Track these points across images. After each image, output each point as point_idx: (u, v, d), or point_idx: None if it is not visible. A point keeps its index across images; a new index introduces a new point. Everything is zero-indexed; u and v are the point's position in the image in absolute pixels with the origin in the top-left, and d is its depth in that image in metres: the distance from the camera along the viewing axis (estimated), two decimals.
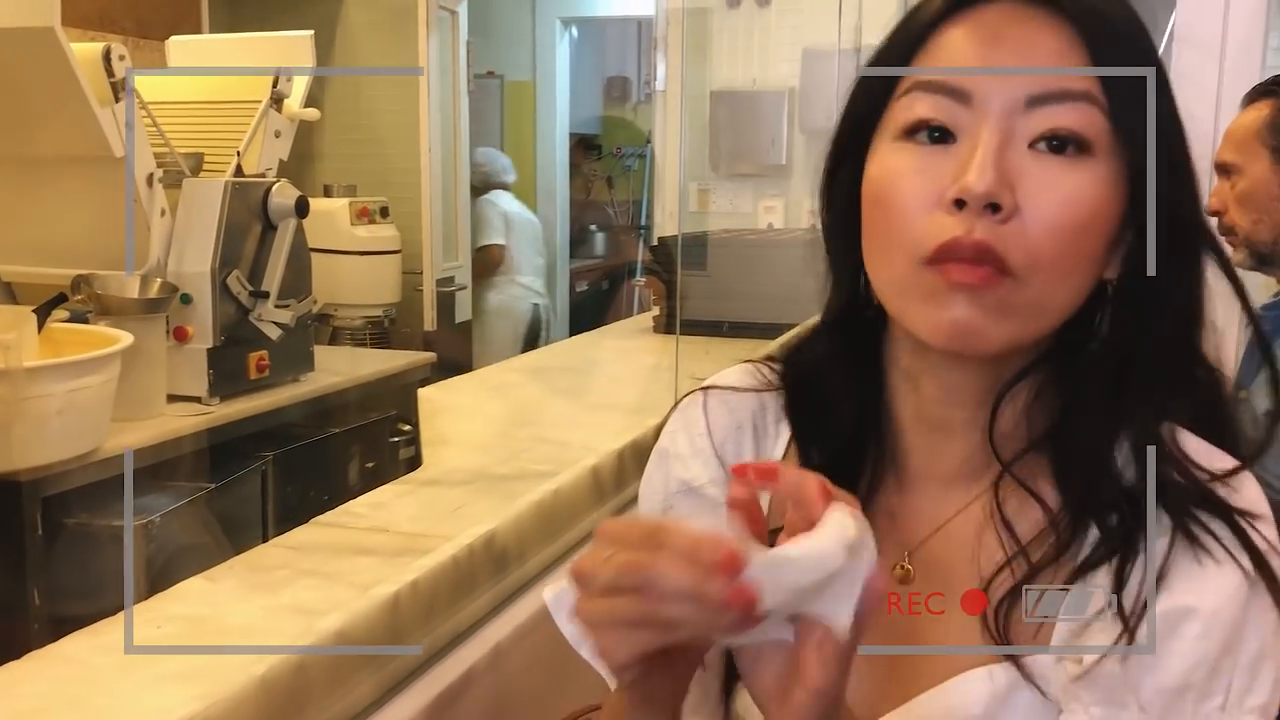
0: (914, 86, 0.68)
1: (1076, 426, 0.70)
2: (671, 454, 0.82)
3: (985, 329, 0.65)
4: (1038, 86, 0.65)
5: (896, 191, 0.66)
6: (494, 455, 1.76)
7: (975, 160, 0.63)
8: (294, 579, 1.23)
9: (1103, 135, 0.65)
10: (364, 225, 4.12)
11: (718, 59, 4.45)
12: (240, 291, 2.57)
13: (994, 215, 0.63)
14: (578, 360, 3.00)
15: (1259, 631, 0.64)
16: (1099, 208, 0.65)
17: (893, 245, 0.67)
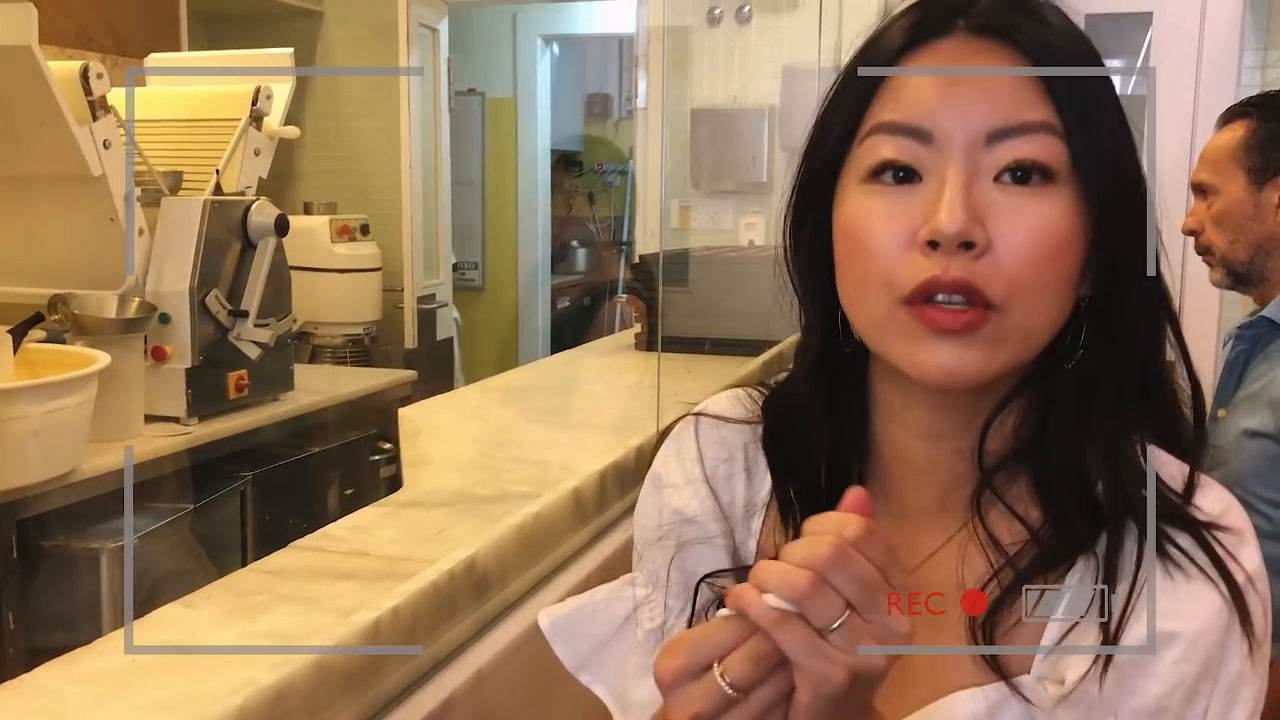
0: (875, 130, 0.68)
1: (1053, 443, 0.70)
2: (665, 481, 0.82)
3: (973, 367, 0.65)
4: (997, 122, 0.65)
5: (869, 234, 0.67)
6: (474, 476, 1.76)
7: (944, 200, 0.64)
8: (272, 605, 1.22)
9: (1063, 162, 0.66)
10: (344, 243, 4.11)
11: (698, 76, 4.47)
12: (219, 310, 2.56)
13: (968, 253, 0.64)
14: (559, 379, 2.99)
15: (1237, 656, 0.65)
16: (1068, 232, 0.66)
17: (870, 286, 0.67)
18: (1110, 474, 0.69)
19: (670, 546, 0.79)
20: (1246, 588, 0.66)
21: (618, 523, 1.65)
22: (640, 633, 0.79)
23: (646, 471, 0.84)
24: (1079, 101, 0.66)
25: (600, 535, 1.59)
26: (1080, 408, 0.70)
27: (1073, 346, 0.70)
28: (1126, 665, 0.65)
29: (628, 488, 1.71)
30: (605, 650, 0.80)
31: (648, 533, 0.82)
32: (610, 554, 1.56)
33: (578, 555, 1.51)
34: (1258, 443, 1.62)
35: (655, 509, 0.82)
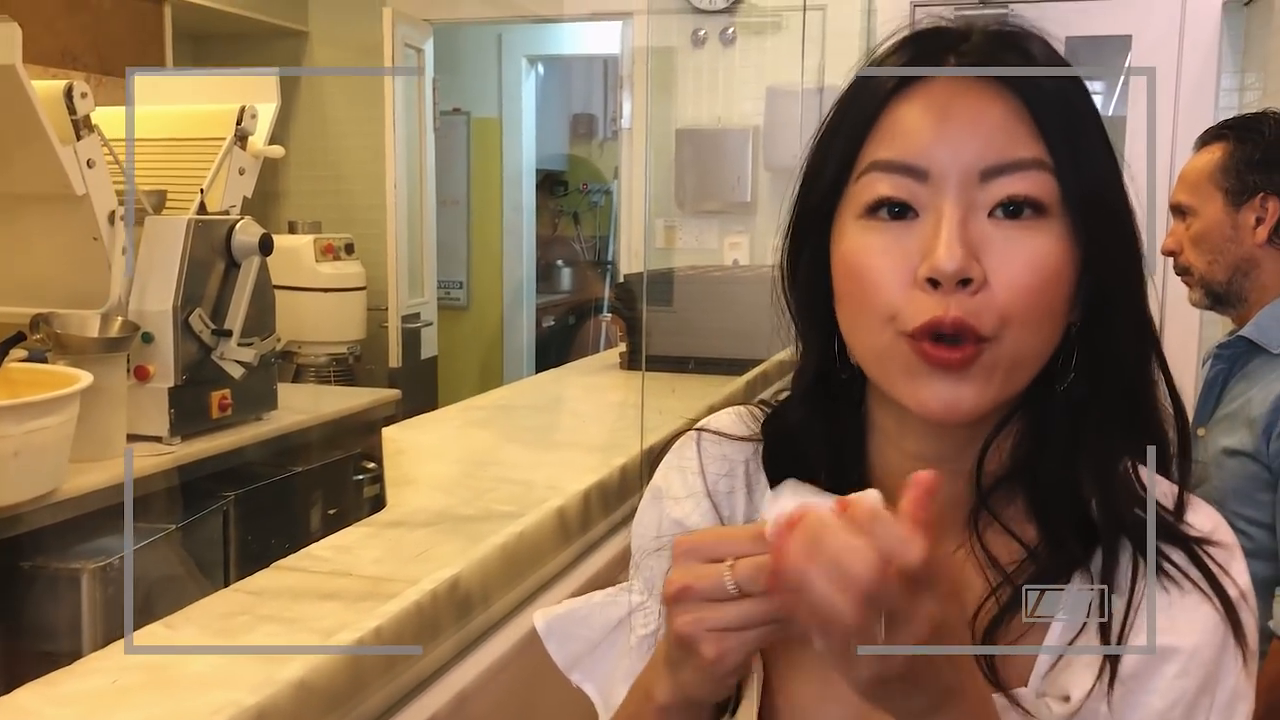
0: (871, 167, 0.70)
1: (1046, 464, 0.72)
2: (665, 494, 0.82)
3: (968, 402, 0.67)
4: (991, 159, 0.67)
5: (869, 270, 0.68)
6: (458, 496, 1.75)
7: (942, 238, 0.65)
8: (254, 625, 1.22)
9: (1054, 197, 0.67)
10: (329, 262, 4.11)
11: (683, 97, 4.49)
12: (202, 330, 2.55)
13: (966, 289, 0.65)
14: (543, 398, 2.99)
15: (1233, 671, 0.66)
16: (1059, 264, 0.67)
17: (871, 318, 0.68)
18: (1103, 493, 0.70)
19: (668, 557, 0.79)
20: (1239, 603, 0.67)
21: (602, 542, 1.65)
22: (633, 638, 0.80)
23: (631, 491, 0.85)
24: (1068, 138, 0.68)
25: (584, 554, 1.59)
26: (1071, 430, 0.71)
27: (1064, 371, 0.71)
28: (1130, 680, 0.66)
29: (611, 507, 1.71)
30: (596, 652, 0.81)
31: (646, 542, 0.82)
32: (594, 573, 1.56)
33: (562, 574, 1.50)
34: (1237, 461, 1.63)
35: (654, 520, 0.82)
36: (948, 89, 0.69)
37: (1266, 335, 1.66)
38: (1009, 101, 0.68)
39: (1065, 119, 0.68)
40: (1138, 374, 0.72)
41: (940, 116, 0.68)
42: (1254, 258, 1.68)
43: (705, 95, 4.46)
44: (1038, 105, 0.68)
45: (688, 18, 4.41)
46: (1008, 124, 0.67)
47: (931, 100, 0.69)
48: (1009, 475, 0.72)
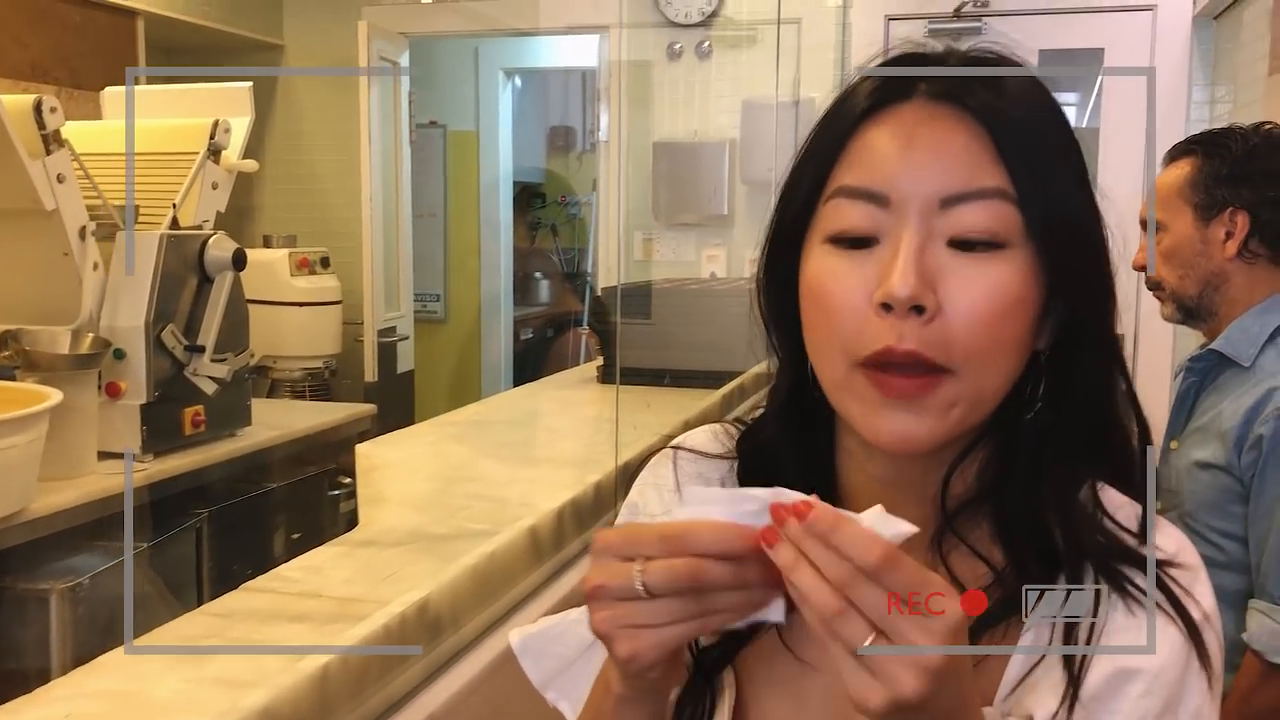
0: (837, 193, 0.70)
1: (1011, 491, 0.72)
2: (641, 510, 0.83)
3: (924, 433, 0.67)
4: (951, 187, 0.67)
5: (829, 294, 0.69)
6: (431, 514, 1.74)
7: (898, 265, 0.66)
8: None
9: (1015, 227, 0.67)
10: (304, 276, 4.09)
11: (659, 110, 4.50)
12: (175, 346, 2.53)
13: (919, 317, 0.66)
14: (519, 413, 2.98)
15: (1197, 692, 0.66)
16: (1018, 296, 0.67)
17: (830, 346, 0.69)
18: (1066, 519, 0.70)
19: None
20: (1204, 624, 0.67)
21: (575, 561, 1.63)
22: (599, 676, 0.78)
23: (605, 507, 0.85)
24: (1032, 166, 0.68)
25: (557, 573, 1.58)
26: (1037, 457, 0.71)
27: (1032, 398, 0.72)
28: (1092, 702, 0.66)
29: (586, 525, 1.70)
30: (572, 670, 0.80)
31: None
32: (568, 592, 1.55)
33: (534, 594, 1.49)
34: (1209, 474, 1.64)
35: None
36: (915, 115, 0.69)
37: (1236, 348, 1.67)
38: (973, 129, 0.68)
39: (1031, 148, 0.68)
40: (1104, 401, 0.73)
41: (905, 143, 0.68)
42: (1224, 272, 1.69)
43: (681, 108, 4.47)
44: (1002, 134, 0.68)
45: (663, 31, 4.42)
46: (970, 152, 0.68)
47: (899, 126, 0.69)
48: (974, 500, 0.73)
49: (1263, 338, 1.66)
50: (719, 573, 0.58)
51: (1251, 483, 1.57)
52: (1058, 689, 0.66)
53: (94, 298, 2.47)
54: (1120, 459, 0.74)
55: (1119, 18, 3.99)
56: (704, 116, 4.43)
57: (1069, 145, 0.70)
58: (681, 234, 4.54)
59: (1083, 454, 0.72)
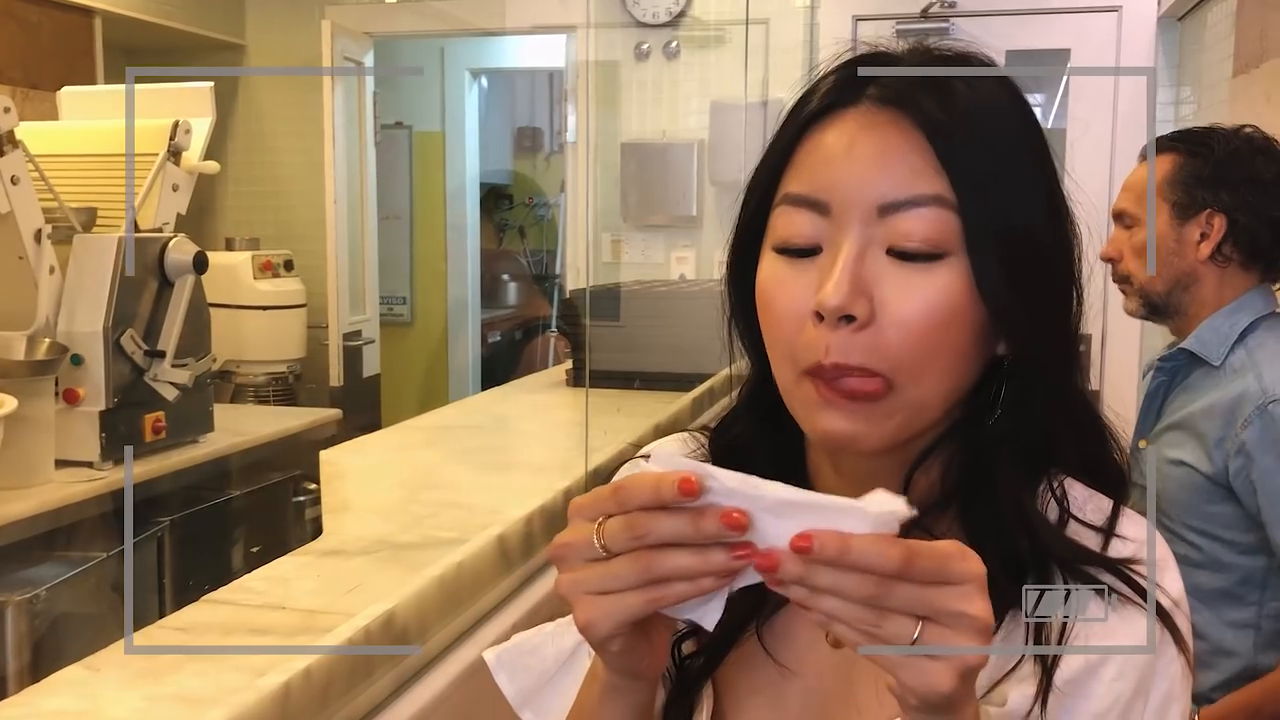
0: (783, 200, 0.71)
1: (974, 492, 0.72)
2: None
3: (863, 435, 0.68)
4: (889, 195, 0.66)
5: (775, 302, 0.70)
6: (398, 522, 1.71)
7: (833, 274, 0.66)
8: (181, 664, 1.17)
9: (954, 235, 0.67)
10: (267, 279, 4.04)
11: (627, 111, 4.47)
12: (135, 351, 2.49)
13: (848, 326, 0.66)
14: (487, 417, 2.95)
15: (1167, 674, 0.67)
16: (957, 304, 0.67)
17: (778, 353, 0.70)
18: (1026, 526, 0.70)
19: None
20: (1174, 610, 0.68)
21: (545, 569, 1.61)
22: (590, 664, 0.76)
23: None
24: (974, 173, 0.67)
25: (527, 582, 1.55)
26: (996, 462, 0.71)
27: (994, 402, 0.71)
28: (1066, 686, 0.66)
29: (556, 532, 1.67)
30: (550, 685, 0.79)
31: None
32: (538, 601, 1.52)
33: (503, 604, 1.46)
34: (1182, 472, 1.63)
35: None
36: (859, 120, 0.69)
37: (1207, 348, 1.67)
38: (914, 136, 0.67)
39: (975, 153, 0.67)
40: (1064, 404, 0.72)
41: (846, 149, 0.68)
42: (1195, 272, 1.68)
43: (650, 109, 4.45)
44: (942, 141, 0.67)
45: (631, 31, 4.40)
46: (910, 159, 0.67)
47: (842, 131, 0.69)
48: (940, 503, 0.72)
49: (1233, 337, 1.66)
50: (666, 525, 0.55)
51: (1243, 487, 1.56)
52: (1031, 676, 0.67)
53: (50, 302, 2.42)
54: (1088, 457, 0.74)
55: (1084, 19, 4.01)
56: (672, 117, 4.41)
57: (1023, 148, 0.70)
58: (650, 235, 4.52)
59: (1043, 457, 0.72)
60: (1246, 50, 3.09)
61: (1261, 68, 2.92)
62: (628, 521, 0.56)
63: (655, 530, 0.55)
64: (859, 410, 0.67)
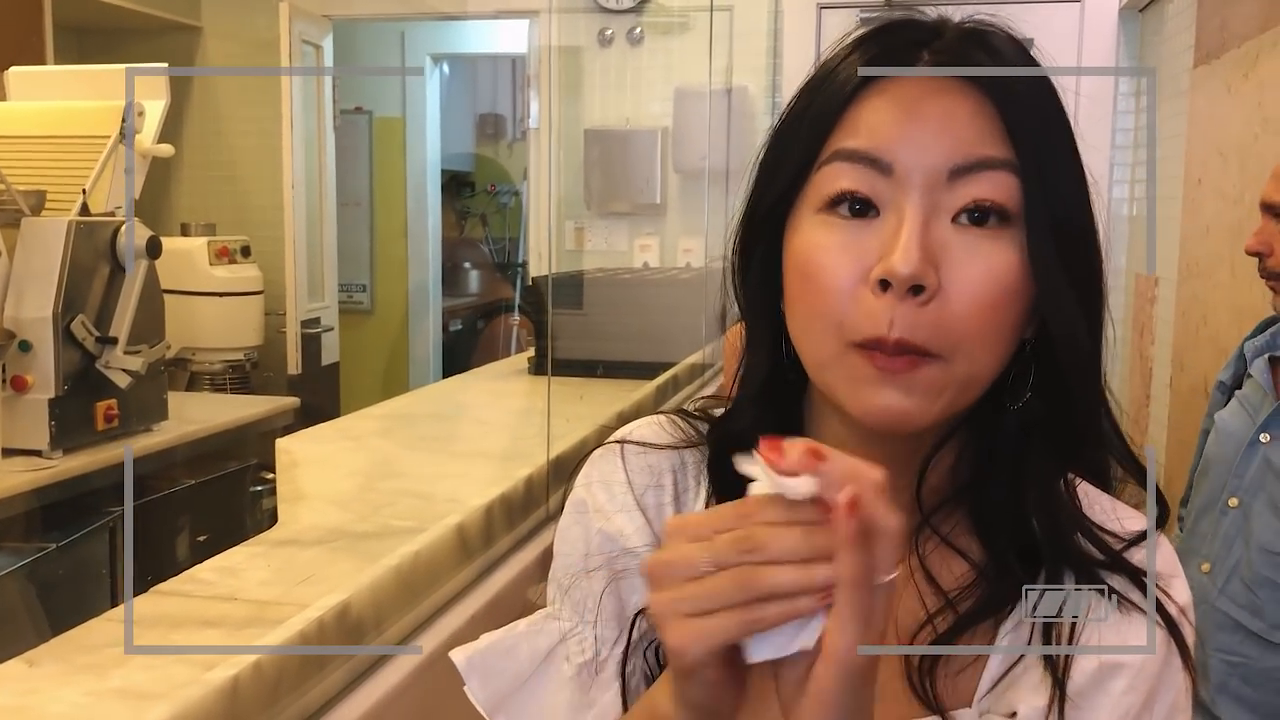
0: (835, 156, 0.67)
1: (991, 484, 0.70)
2: (591, 507, 0.77)
3: (916, 412, 0.64)
4: (960, 158, 0.64)
5: (822, 269, 0.65)
6: (355, 511, 1.68)
7: (901, 240, 0.62)
8: (126, 658, 1.13)
9: (1018, 203, 0.65)
10: (224, 265, 3.98)
11: (590, 97, 4.44)
12: (86, 337, 2.44)
13: (916, 297, 0.62)
14: (447, 405, 2.91)
15: (1173, 686, 0.67)
16: (1020, 276, 0.65)
17: (820, 324, 0.66)
18: (1047, 517, 0.69)
19: (601, 576, 0.75)
20: (1180, 620, 0.67)
21: (506, 558, 1.58)
22: (570, 667, 0.74)
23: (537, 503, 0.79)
24: (1038, 141, 0.65)
25: (487, 572, 1.52)
26: (1022, 450, 0.70)
27: (1015, 388, 0.69)
28: (1078, 697, 0.66)
29: (516, 521, 1.65)
30: (525, 689, 0.75)
31: (573, 562, 0.77)
32: (498, 591, 1.49)
33: (462, 594, 1.43)
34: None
35: (581, 537, 0.77)
36: (918, 86, 0.66)
37: None
38: (979, 101, 0.65)
39: (1036, 121, 0.66)
40: (1092, 393, 0.70)
41: (909, 113, 0.65)
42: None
43: (613, 95, 4.41)
44: (1008, 106, 0.65)
45: (594, 17, 4.36)
46: (977, 123, 0.65)
47: (901, 96, 0.66)
48: (952, 493, 0.71)
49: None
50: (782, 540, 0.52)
51: None
52: (1039, 686, 0.66)
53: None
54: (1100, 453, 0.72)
55: (1047, 9, 4.02)
56: (636, 104, 4.38)
57: (1065, 120, 0.68)
58: (614, 223, 4.49)
59: (1066, 447, 0.70)
60: (1207, 41, 3.11)
61: (1222, 58, 2.94)
62: (742, 535, 0.52)
63: (770, 545, 0.52)
64: (916, 385, 0.63)
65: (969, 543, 0.70)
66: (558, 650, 0.75)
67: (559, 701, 0.73)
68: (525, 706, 0.74)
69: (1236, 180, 2.73)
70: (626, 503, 0.76)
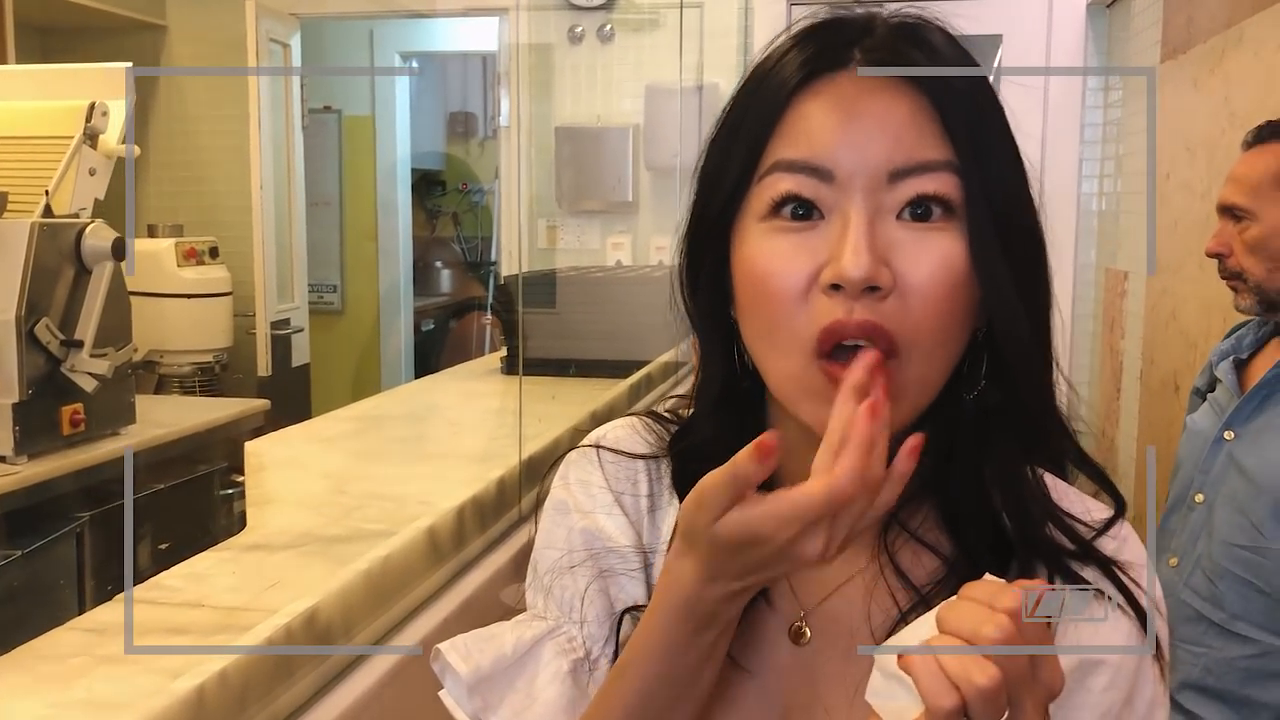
0: (775, 167, 0.67)
1: (956, 475, 0.70)
2: (573, 506, 0.78)
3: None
4: (900, 160, 0.64)
5: (772, 275, 0.65)
6: (325, 514, 1.66)
7: (848, 243, 0.63)
8: (91, 668, 1.11)
9: (959, 200, 0.65)
10: (192, 266, 3.95)
11: (561, 95, 4.42)
12: (50, 341, 2.41)
13: (873, 295, 0.63)
14: (419, 406, 2.89)
15: (1150, 680, 0.67)
16: (965, 267, 0.65)
17: (780, 335, 0.66)
18: (1015, 507, 0.69)
19: (583, 574, 0.75)
20: (1153, 613, 0.68)
21: (478, 560, 1.56)
22: (565, 663, 0.73)
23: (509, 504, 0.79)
24: (974, 137, 0.65)
25: (459, 575, 1.50)
26: (981, 439, 0.70)
27: (971, 377, 0.69)
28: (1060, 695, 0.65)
29: (488, 523, 1.64)
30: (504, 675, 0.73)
31: (555, 561, 0.77)
32: (471, 594, 1.48)
33: (434, 598, 1.42)
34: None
35: (563, 536, 0.77)
36: (854, 86, 0.66)
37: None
38: (916, 100, 0.65)
39: (972, 118, 0.66)
40: (1043, 380, 0.70)
41: (846, 115, 0.65)
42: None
43: (584, 93, 4.40)
44: (945, 104, 0.65)
45: (564, 14, 4.34)
46: (916, 123, 0.65)
47: (837, 98, 0.66)
48: (918, 487, 0.70)
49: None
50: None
51: None
52: None
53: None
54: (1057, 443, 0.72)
55: (1016, 5, 4.03)
56: (607, 101, 4.37)
57: (1002, 114, 0.69)
58: (586, 221, 4.48)
59: (1026, 436, 0.70)
60: (1174, 36, 3.13)
61: (1189, 54, 2.96)
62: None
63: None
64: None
65: (938, 537, 0.70)
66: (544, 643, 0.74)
67: (554, 696, 0.72)
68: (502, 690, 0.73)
69: (1204, 175, 2.75)
70: (607, 504, 0.77)
